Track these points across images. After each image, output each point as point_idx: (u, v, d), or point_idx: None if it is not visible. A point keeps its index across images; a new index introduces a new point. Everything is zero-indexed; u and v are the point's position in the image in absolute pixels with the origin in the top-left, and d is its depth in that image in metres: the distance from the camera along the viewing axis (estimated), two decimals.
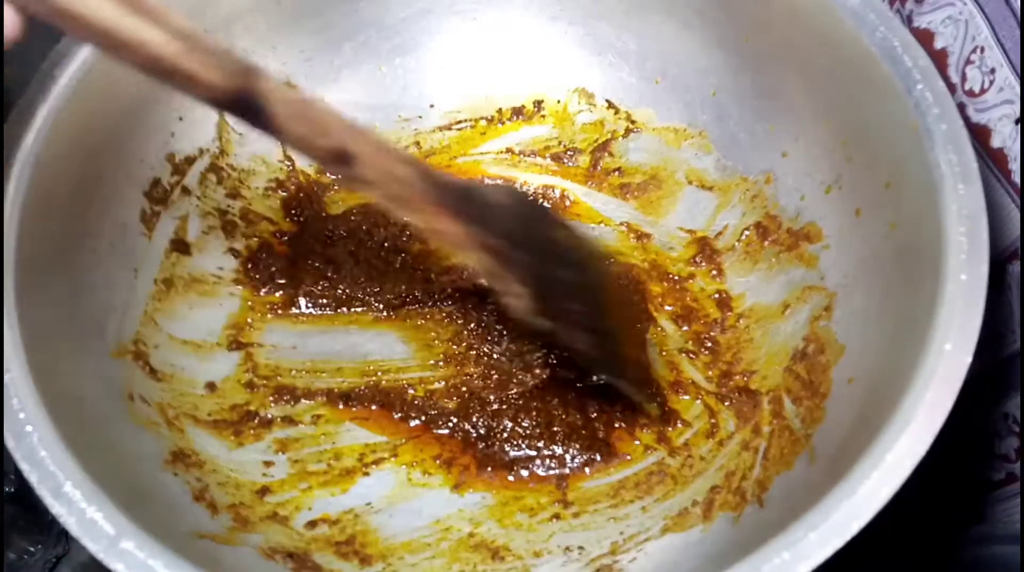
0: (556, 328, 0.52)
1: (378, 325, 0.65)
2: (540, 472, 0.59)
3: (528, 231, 0.52)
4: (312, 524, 0.55)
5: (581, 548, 0.55)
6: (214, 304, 0.62)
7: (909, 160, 0.50)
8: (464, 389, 0.62)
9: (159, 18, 0.34)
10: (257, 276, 0.65)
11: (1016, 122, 0.53)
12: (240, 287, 0.64)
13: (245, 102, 0.37)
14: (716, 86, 0.65)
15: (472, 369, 0.62)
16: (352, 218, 0.68)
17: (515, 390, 0.61)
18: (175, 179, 0.61)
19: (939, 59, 0.57)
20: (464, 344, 0.64)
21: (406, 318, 0.65)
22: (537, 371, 0.62)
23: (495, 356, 0.63)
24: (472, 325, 0.64)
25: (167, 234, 0.61)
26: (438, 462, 0.59)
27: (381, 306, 0.65)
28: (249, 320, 0.63)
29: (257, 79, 0.37)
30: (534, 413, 0.60)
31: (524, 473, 0.58)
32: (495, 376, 0.62)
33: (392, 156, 0.44)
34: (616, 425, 0.60)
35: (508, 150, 0.71)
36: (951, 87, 0.56)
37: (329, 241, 0.67)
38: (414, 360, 0.63)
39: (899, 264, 0.51)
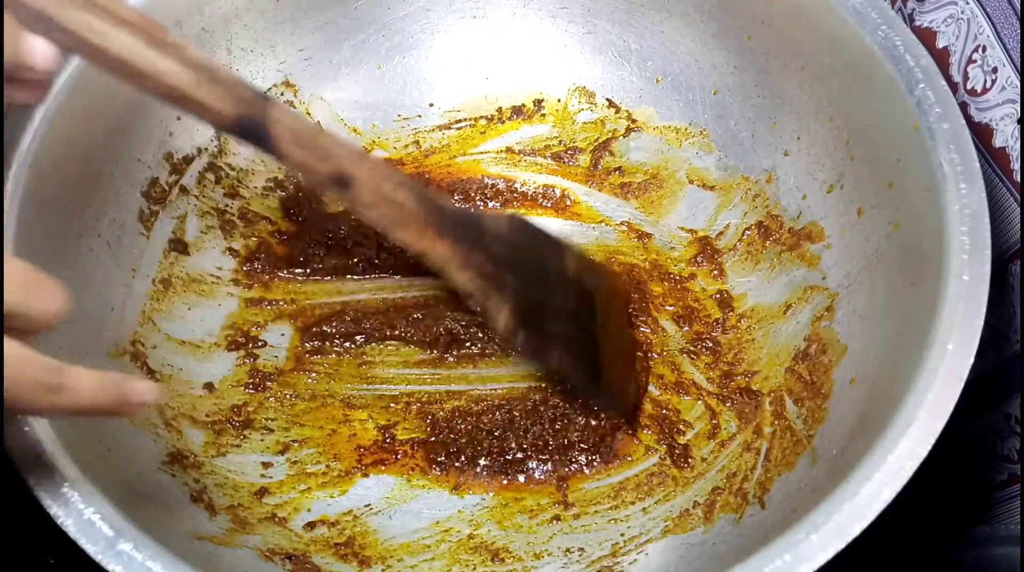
0: (541, 349, 0.54)
1: None
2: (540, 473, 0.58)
3: (523, 257, 0.54)
4: (311, 526, 0.55)
5: (581, 550, 0.55)
6: (212, 304, 0.62)
7: (911, 159, 0.50)
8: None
9: (176, 51, 0.37)
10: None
11: (1018, 121, 0.53)
12: (239, 287, 0.64)
13: (251, 128, 0.40)
14: (718, 85, 0.65)
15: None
16: (352, 217, 0.67)
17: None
18: (173, 179, 0.61)
19: (941, 58, 0.57)
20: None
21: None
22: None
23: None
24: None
25: (165, 234, 0.61)
26: None
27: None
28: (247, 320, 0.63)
29: (265, 107, 0.40)
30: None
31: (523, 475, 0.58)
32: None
33: (391, 180, 0.46)
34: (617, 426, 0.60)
35: (508, 149, 0.71)
36: (953, 86, 0.56)
37: (329, 241, 0.66)
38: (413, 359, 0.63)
39: (901, 264, 0.51)
